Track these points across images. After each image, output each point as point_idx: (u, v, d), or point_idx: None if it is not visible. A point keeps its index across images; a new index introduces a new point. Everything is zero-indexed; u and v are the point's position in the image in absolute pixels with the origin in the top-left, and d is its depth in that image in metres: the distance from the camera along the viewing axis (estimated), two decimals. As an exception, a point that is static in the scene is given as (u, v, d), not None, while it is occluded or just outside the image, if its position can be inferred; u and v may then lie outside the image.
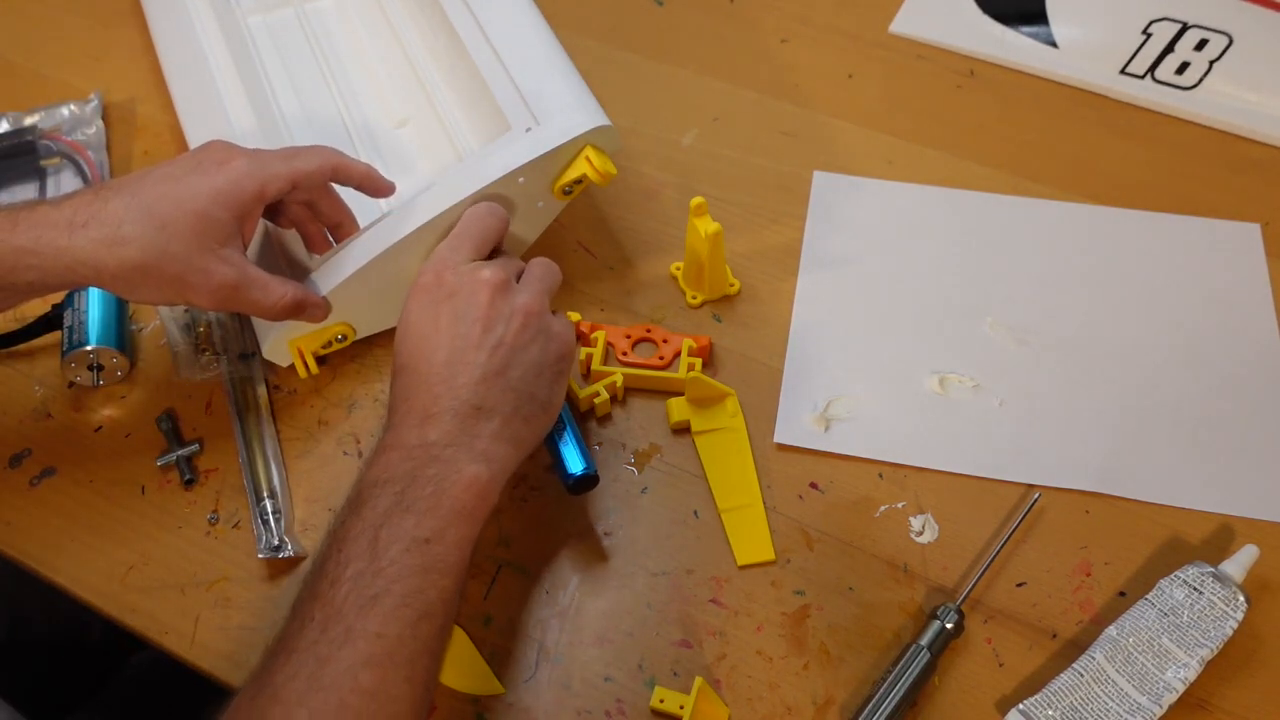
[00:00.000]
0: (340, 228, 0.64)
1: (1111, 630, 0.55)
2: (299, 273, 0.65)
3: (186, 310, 0.68)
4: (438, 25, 0.73)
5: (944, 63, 0.84)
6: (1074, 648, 0.56)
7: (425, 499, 0.49)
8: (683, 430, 0.65)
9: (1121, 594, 0.58)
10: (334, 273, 0.63)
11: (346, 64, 0.77)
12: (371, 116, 0.74)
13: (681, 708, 0.53)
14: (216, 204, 0.55)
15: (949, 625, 0.55)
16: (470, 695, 0.55)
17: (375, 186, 0.63)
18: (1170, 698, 0.52)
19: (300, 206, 0.63)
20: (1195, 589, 0.55)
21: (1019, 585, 0.59)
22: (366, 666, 0.45)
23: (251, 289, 0.57)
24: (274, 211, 0.62)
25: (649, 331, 0.68)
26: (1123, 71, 0.82)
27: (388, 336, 0.68)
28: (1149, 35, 0.84)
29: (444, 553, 0.48)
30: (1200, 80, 0.81)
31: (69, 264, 0.53)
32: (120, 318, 0.67)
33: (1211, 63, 0.81)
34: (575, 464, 0.58)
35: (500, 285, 0.56)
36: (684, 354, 0.66)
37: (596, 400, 0.64)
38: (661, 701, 0.54)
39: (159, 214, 0.54)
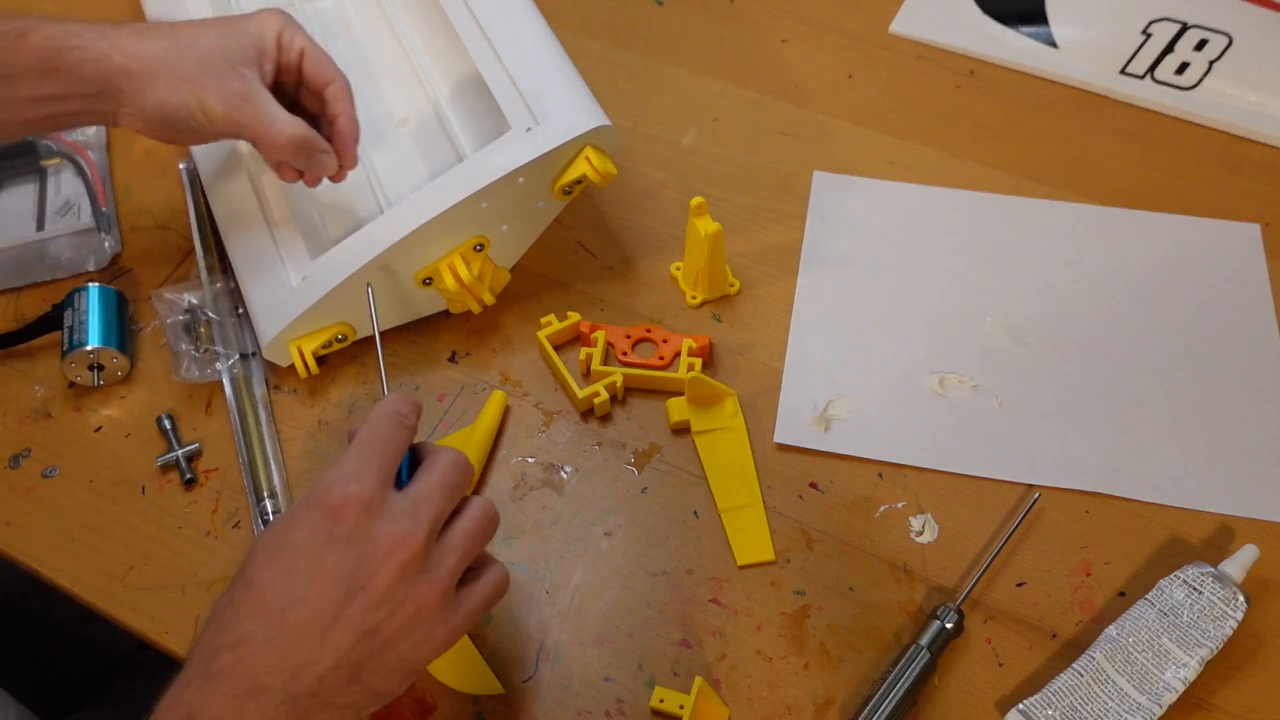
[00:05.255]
0: (330, 88, 0.63)
1: (1111, 630, 0.55)
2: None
3: (187, 310, 0.68)
4: (438, 25, 0.73)
5: (944, 63, 0.84)
6: (1074, 648, 0.56)
7: None
8: (683, 430, 0.65)
9: (1121, 594, 0.58)
10: (334, 272, 0.63)
11: (347, 64, 0.77)
12: (372, 116, 0.74)
13: (681, 708, 0.53)
14: (237, 29, 0.61)
15: (949, 625, 0.55)
16: (470, 695, 0.55)
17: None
18: (1170, 698, 0.52)
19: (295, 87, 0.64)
20: (1195, 589, 0.55)
21: (1019, 585, 0.59)
22: None
23: (259, 107, 0.59)
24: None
25: (649, 331, 0.68)
26: (1123, 71, 0.82)
27: (388, 336, 0.68)
28: (1149, 35, 0.84)
29: None
30: (1200, 80, 0.81)
31: (105, 51, 0.58)
32: (120, 318, 0.68)
33: (1211, 63, 0.81)
34: None
35: (413, 561, 0.45)
36: (684, 354, 0.66)
37: (596, 400, 0.64)
38: (661, 701, 0.54)
39: (186, 27, 0.61)
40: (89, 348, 0.65)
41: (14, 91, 0.58)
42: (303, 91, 0.65)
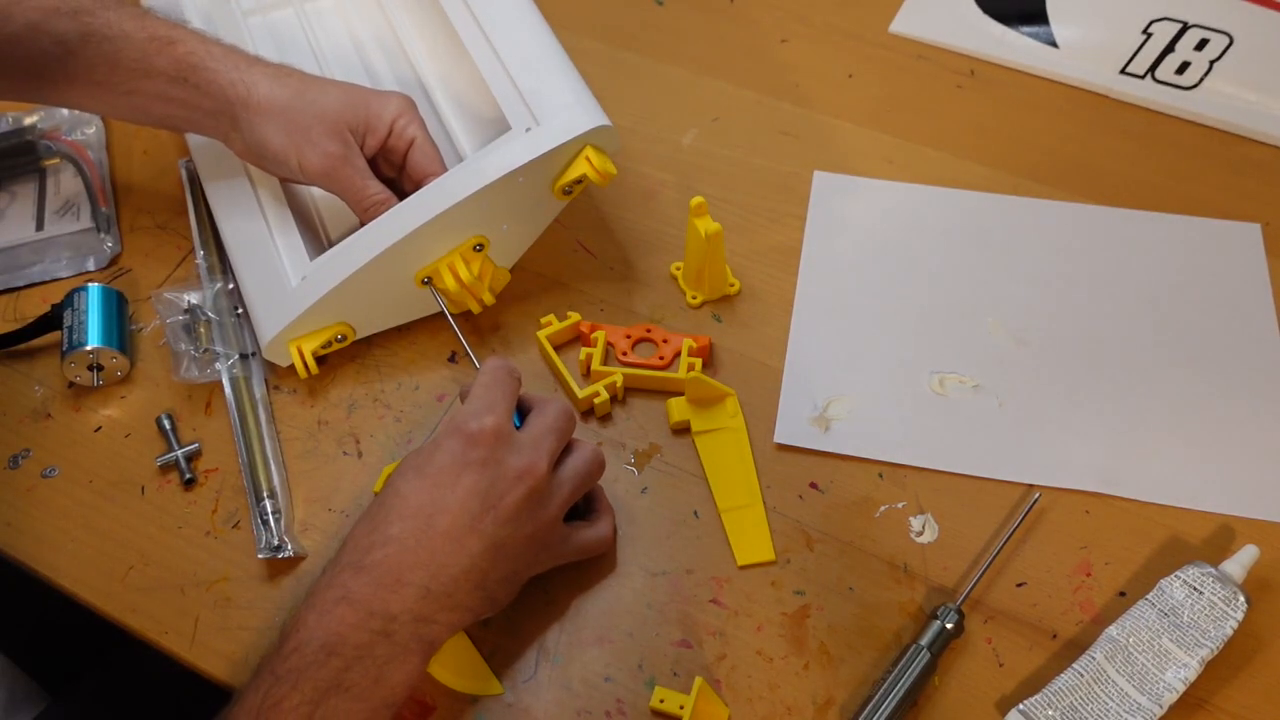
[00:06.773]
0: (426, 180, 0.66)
1: (1112, 630, 0.55)
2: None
3: (187, 310, 0.68)
4: (438, 25, 0.73)
5: (944, 63, 0.84)
6: (1074, 648, 0.56)
7: (364, 684, 0.48)
8: (683, 430, 0.65)
9: (1121, 594, 0.58)
10: (334, 272, 0.63)
11: (347, 64, 0.77)
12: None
13: (681, 708, 0.53)
14: (359, 100, 0.65)
15: (949, 625, 0.55)
16: (470, 695, 0.55)
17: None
18: (1170, 698, 0.52)
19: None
20: (1195, 589, 0.55)
21: (1019, 585, 0.59)
22: None
23: (354, 172, 0.64)
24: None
25: (649, 331, 0.68)
26: (1123, 71, 0.82)
27: (387, 336, 0.69)
28: (1149, 35, 0.83)
29: None
30: (1200, 80, 0.81)
31: (233, 80, 0.63)
32: (120, 318, 0.68)
33: (1211, 63, 0.81)
34: None
35: (537, 489, 0.53)
36: (684, 354, 0.66)
37: (596, 400, 0.64)
38: (661, 701, 0.54)
39: (314, 83, 0.66)
40: (89, 348, 0.65)
41: (149, 86, 0.64)
42: (403, 175, 0.67)
